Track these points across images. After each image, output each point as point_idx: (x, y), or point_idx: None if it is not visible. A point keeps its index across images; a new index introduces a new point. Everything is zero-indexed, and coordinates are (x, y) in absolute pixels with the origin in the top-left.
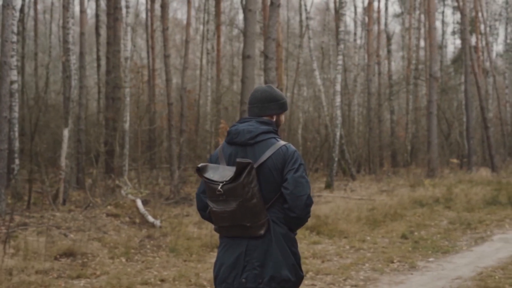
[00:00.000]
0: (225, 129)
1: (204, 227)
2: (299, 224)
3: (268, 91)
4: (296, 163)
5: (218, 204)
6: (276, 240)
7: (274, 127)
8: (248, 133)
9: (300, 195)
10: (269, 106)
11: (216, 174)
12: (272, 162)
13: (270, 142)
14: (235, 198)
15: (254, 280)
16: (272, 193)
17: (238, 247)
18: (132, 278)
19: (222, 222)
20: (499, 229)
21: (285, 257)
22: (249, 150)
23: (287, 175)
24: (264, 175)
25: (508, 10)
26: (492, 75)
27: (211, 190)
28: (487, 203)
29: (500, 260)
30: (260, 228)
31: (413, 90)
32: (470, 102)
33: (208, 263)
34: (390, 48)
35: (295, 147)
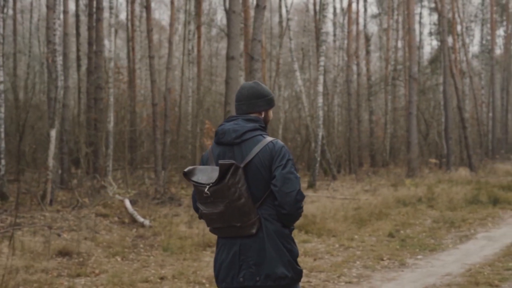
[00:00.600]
0: (210, 129)
1: (195, 227)
2: (291, 220)
3: (255, 87)
4: (284, 159)
5: (206, 206)
6: (269, 237)
7: (261, 124)
8: (234, 132)
9: (289, 191)
10: (256, 102)
11: (204, 176)
12: (259, 160)
13: (256, 139)
14: (221, 199)
15: (251, 278)
16: (261, 190)
17: (232, 247)
18: (131, 276)
19: (213, 223)
20: (482, 227)
21: (279, 254)
22: (236, 149)
23: (275, 172)
24: (252, 173)
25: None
26: (469, 76)
27: (199, 192)
28: (469, 202)
29: (486, 257)
30: (251, 227)
31: (391, 90)
32: (449, 103)
33: (203, 262)
34: (369, 49)
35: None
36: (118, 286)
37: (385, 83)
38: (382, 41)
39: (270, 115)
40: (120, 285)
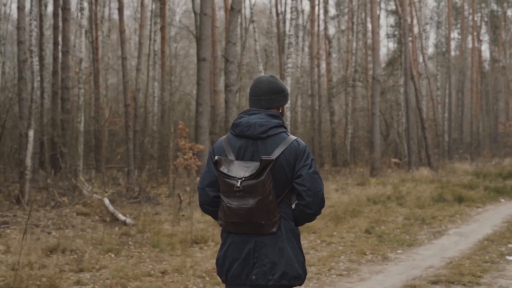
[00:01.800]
0: (184, 130)
1: (177, 225)
2: (311, 220)
3: (274, 82)
4: (309, 159)
5: (233, 200)
6: (287, 236)
7: (282, 121)
8: (260, 126)
9: (317, 191)
10: (276, 98)
11: (230, 168)
12: (285, 158)
13: (281, 136)
14: (254, 195)
15: (263, 277)
16: (281, 189)
17: (246, 244)
18: (132, 271)
19: (235, 218)
20: (452, 224)
21: (295, 254)
22: (260, 144)
23: (301, 171)
24: (276, 171)
25: (439, 14)
26: (426, 77)
27: (227, 185)
28: (435, 201)
29: (462, 252)
30: (273, 225)
31: (351, 91)
32: (410, 104)
33: (196, 257)
34: (330, 50)
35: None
36: (124, 279)
37: (346, 84)
38: (340, 43)
39: (285, 110)
40: (126, 279)
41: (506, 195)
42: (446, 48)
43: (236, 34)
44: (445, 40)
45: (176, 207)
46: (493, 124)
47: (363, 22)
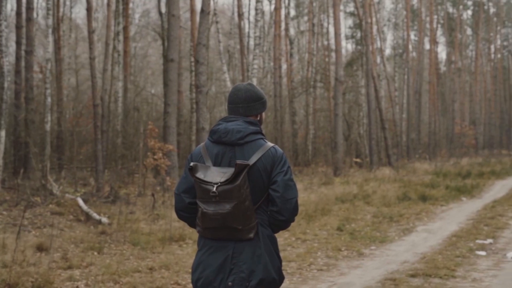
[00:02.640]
0: (154, 130)
1: (153, 223)
2: (285, 227)
3: (252, 89)
4: (285, 166)
5: (210, 205)
6: (264, 242)
7: (260, 128)
8: (237, 132)
9: (290, 198)
10: (254, 105)
11: (207, 174)
12: (262, 164)
13: (259, 143)
14: (229, 200)
15: (240, 283)
16: (259, 195)
17: (224, 250)
18: (119, 267)
19: (212, 223)
20: (419, 221)
21: (272, 260)
22: (237, 150)
23: (277, 178)
24: (253, 177)
25: (396, 16)
26: (385, 78)
27: (203, 191)
28: (400, 199)
29: (433, 247)
30: (250, 231)
31: (312, 92)
32: (371, 105)
33: (177, 254)
34: (291, 51)
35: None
36: (115, 275)
37: (307, 85)
38: (299, 44)
39: (264, 117)
40: (117, 275)
41: (467, 193)
42: (404, 50)
43: (206, 36)
44: (403, 42)
45: (150, 206)
46: (449, 124)
47: (321, 23)
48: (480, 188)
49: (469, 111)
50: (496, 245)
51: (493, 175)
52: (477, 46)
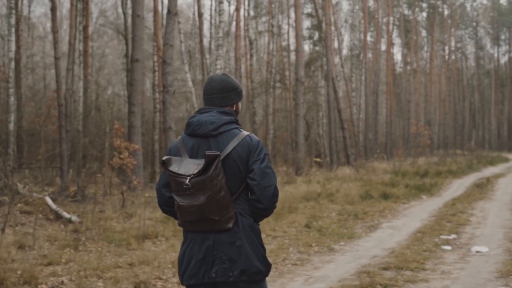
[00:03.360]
0: (120, 130)
1: (124, 222)
2: (266, 215)
3: (226, 80)
4: (261, 153)
5: (185, 198)
6: (245, 232)
7: (235, 117)
8: (210, 124)
9: (267, 185)
10: (229, 95)
11: (181, 167)
12: (237, 153)
13: (233, 132)
14: (203, 191)
15: (224, 274)
16: (237, 185)
17: (205, 242)
18: (100, 263)
19: (189, 216)
20: (384, 218)
21: (254, 249)
22: (212, 141)
23: (253, 166)
24: (229, 167)
25: (353, 17)
26: (343, 79)
27: (177, 184)
28: (363, 198)
29: (399, 243)
30: (228, 221)
31: (272, 92)
32: (332, 105)
33: (153, 251)
34: (251, 52)
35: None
36: (98, 271)
37: (267, 86)
38: (257, 44)
39: (239, 106)
40: (100, 270)
41: (426, 192)
42: (361, 51)
43: (173, 37)
44: (359, 43)
45: (120, 205)
46: (405, 124)
47: (280, 24)
48: (439, 186)
49: (424, 111)
50: (459, 240)
51: (450, 174)
52: (432, 47)
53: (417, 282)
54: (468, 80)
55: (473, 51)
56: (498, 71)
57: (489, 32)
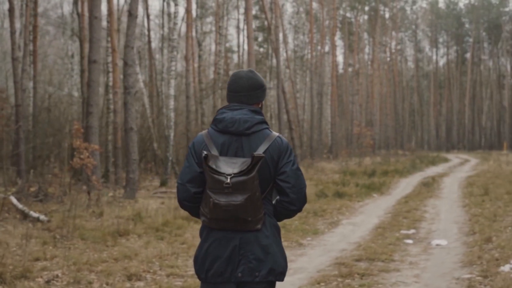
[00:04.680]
0: (79, 130)
1: (92, 220)
2: (292, 216)
3: (253, 77)
4: (292, 156)
5: (221, 196)
6: (272, 233)
7: (264, 117)
8: (244, 122)
9: (301, 187)
10: (256, 94)
11: (218, 164)
12: (269, 154)
13: (265, 133)
14: (243, 191)
15: (250, 274)
16: (265, 185)
17: (231, 241)
18: (84, 258)
19: (223, 214)
20: (342, 215)
21: (280, 250)
22: (244, 140)
23: (285, 168)
24: (261, 168)
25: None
26: (288, 80)
27: (216, 181)
28: (318, 196)
29: (363, 238)
30: (258, 222)
31: (220, 94)
32: (281, 106)
33: (129, 247)
34: (201, 53)
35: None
36: (87, 265)
37: (214, 87)
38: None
39: (263, 105)
40: (88, 265)
41: (376, 190)
42: (305, 52)
43: (134, 39)
44: (303, 45)
45: (85, 203)
46: (348, 125)
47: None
48: (387, 185)
49: (366, 112)
50: (419, 235)
51: (397, 173)
52: (373, 49)
53: (390, 272)
54: (408, 81)
55: (412, 53)
56: (436, 73)
57: (427, 35)
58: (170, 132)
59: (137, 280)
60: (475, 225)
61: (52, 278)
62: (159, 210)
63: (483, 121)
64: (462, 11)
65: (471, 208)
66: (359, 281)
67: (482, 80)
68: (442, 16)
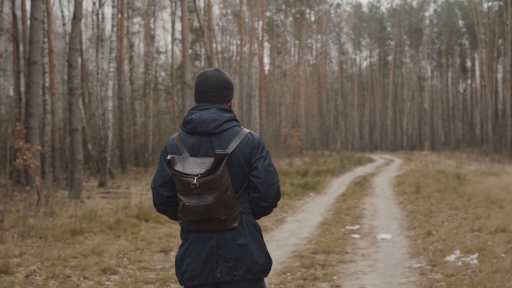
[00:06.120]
0: (22, 131)
1: (44, 219)
2: (267, 213)
3: (221, 76)
4: (264, 151)
5: (191, 198)
6: (249, 231)
7: (234, 114)
8: (213, 121)
9: (272, 183)
10: (225, 92)
11: (185, 166)
12: (241, 151)
13: (235, 130)
14: (211, 191)
15: (229, 273)
16: (240, 183)
17: (209, 241)
18: (54, 255)
19: (194, 216)
20: (286, 213)
21: (258, 247)
22: (214, 139)
23: (257, 164)
24: (232, 165)
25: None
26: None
27: (183, 183)
28: None
29: (311, 233)
30: (234, 220)
31: (153, 95)
32: None
33: (90, 244)
34: (132, 54)
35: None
36: (60, 261)
37: (146, 88)
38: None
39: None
40: (61, 260)
41: (312, 189)
42: (233, 54)
43: (78, 41)
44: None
45: (35, 204)
46: (276, 126)
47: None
48: (322, 185)
49: (292, 113)
50: (363, 230)
51: (329, 173)
52: (299, 51)
53: (347, 262)
54: (332, 83)
55: (336, 55)
56: (359, 75)
57: (351, 38)
58: (108, 133)
59: (112, 274)
60: (413, 220)
61: (30, 274)
62: (107, 210)
63: (405, 122)
64: (385, 15)
65: (407, 205)
66: (321, 271)
67: (403, 82)
68: (365, 19)
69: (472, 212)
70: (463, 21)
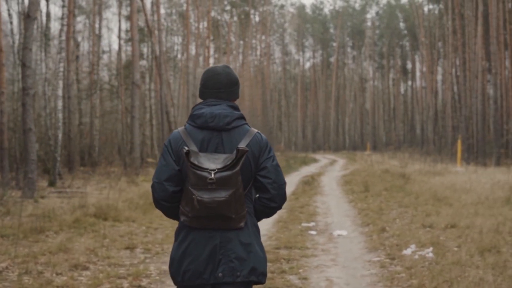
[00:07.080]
0: None
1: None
2: (273, 214)
3: (231, 73)
4: (271, 152)
5: (204, 193)
6: (253, 231)
7: (242, 113)
8: (224, 117)
9: (281, 183)
10: (235, 89)
11: (200, 160)
12: (251, 150)
13: (244, 128)
14: (226, 187)
15: (231, 273)
16: (247, 182)
17: (211, 240)
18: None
19: (206, 212)
20: None
21: (261, 250)
22: (224, 136)
23: (266, 164)
24: (243, 163)
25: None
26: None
27: (198, 177)
28: None
29: (268, 230)
30: (241, 220)
31: (99, 94)
32: (164, 107)
33: (53, 242)
34: (78, 54)
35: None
36: (29, 257)
37: (93, 88)
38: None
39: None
40: (31, 257)
41: None
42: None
43: (32, 41)
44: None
45: None
46: None
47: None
48: None
49: None
50: (319, 227)
51: None
52: (244, 52)
53: (309, 257)
54: (275, 84)
55: (279, 56)
56: (303, 76)
57: (294, 39)
58: (58, 132)
59: (83, 270)
60: (365, 217)
61: (2, 270)
62: (64, 209)
63: (347, 122)
64: (327, 17)
65: (357, 203)
66: (287, 265)
67: (346, 83)
68: (309, 20)
69: (421, 210)
70: (404, 23)
